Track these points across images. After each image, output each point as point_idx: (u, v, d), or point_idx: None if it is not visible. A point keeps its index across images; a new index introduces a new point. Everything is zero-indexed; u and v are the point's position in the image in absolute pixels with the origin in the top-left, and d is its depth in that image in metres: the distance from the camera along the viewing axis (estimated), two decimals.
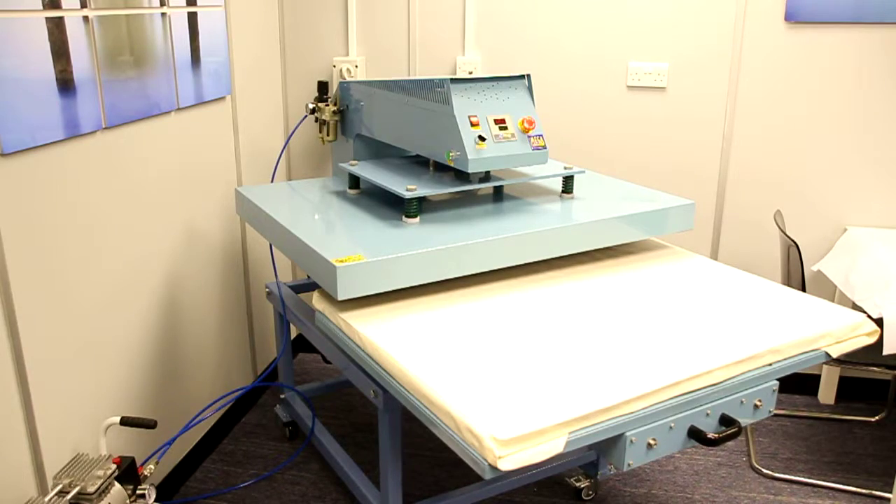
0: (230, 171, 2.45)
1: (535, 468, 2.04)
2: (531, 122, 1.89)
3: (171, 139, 2.08)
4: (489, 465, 1.19)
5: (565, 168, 2.10)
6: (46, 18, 1.54)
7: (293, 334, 3.06)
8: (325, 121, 2.40)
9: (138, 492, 1.61)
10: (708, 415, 1.38)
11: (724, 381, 1.42)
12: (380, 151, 2.33)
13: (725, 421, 1.40)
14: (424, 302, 1.68)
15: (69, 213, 1.68)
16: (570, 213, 1.92)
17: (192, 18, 2.12)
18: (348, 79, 2.70)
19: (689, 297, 1.70)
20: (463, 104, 1.84)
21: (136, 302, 1.97)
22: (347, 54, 2.75)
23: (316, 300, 1.78)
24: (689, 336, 1.50)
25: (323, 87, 2.50)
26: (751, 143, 2.57)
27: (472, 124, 1.83)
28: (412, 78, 1.98)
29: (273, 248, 2.11)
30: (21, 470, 1.58)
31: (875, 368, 2.20)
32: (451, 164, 1.84)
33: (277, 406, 2.57)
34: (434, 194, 2.00)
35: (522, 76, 1.96)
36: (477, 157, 1.81)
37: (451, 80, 1.84)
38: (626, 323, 1.56)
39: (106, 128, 1.78)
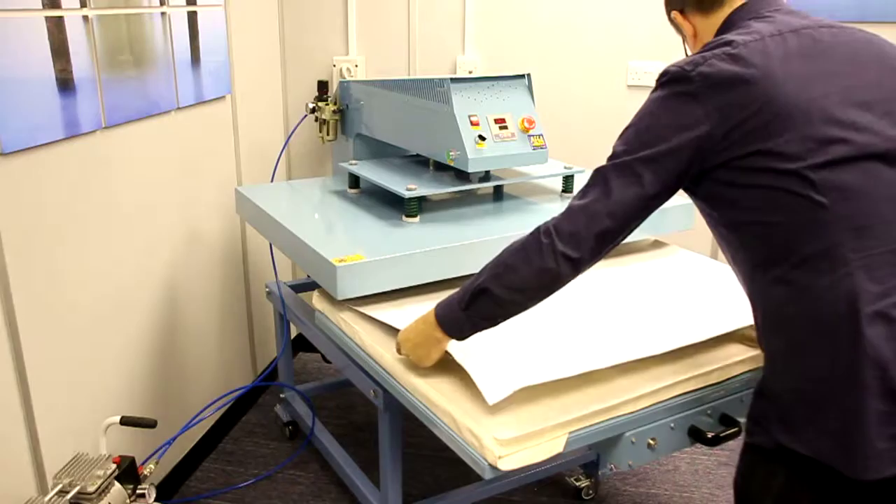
0: (230, 171, 2.45)
1: (534, 468, 2.04)
2: (531, 122, 1.89)
3: (170, 138, 2.08)
4: (489, 464, 1.19)
5: (565, 167, 2.10)
6: (46, 18, 1.54)
7: (293, 334, 3.06)
8: (325, 120, 2.40)
9: (138, 491, 1.61)
10: (708, 414, 1.38)
11: (724, 380, 1.42)
12: (380, 151, 2.33)
13: (725, 420, 1.39)
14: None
15: (69, 213, 1.68)
16: None
17: (192, 18, 2.12)
18: (348, 78, 2.70)
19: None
20: (463, 104, 1.84)
21: (136, 301, 1.97)
22: (347, 54, 2.75)
23: (316, 300, 1.78)
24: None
25: (323, 86, 2.49)
26: None
27: (472, 124, 1.83)
28: (412, 77, 1.98)
29: (273, 247, 2.11)
30: (21, 469, 1.58)
31: None
32: (451, 164, 1.84)
33: (277, 406, 2.57)
34: (434, 194, 2.01)
35: (522, 76, 1.96)
36: (477, 156, 1.81)
37: (451, 79, 1.84)
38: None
39: (106, 127, 1.78)
